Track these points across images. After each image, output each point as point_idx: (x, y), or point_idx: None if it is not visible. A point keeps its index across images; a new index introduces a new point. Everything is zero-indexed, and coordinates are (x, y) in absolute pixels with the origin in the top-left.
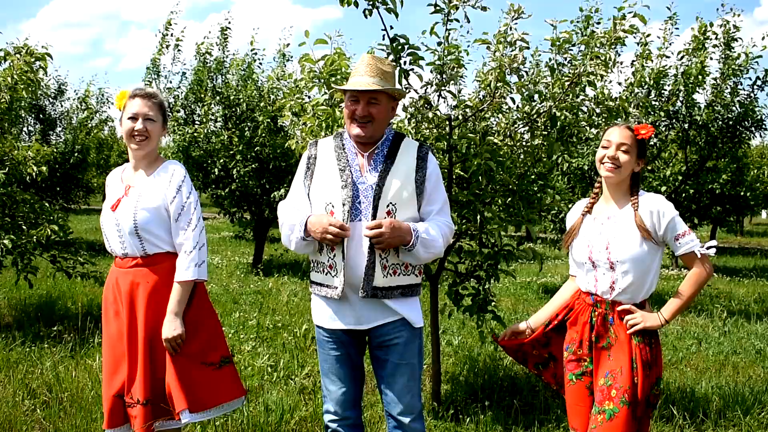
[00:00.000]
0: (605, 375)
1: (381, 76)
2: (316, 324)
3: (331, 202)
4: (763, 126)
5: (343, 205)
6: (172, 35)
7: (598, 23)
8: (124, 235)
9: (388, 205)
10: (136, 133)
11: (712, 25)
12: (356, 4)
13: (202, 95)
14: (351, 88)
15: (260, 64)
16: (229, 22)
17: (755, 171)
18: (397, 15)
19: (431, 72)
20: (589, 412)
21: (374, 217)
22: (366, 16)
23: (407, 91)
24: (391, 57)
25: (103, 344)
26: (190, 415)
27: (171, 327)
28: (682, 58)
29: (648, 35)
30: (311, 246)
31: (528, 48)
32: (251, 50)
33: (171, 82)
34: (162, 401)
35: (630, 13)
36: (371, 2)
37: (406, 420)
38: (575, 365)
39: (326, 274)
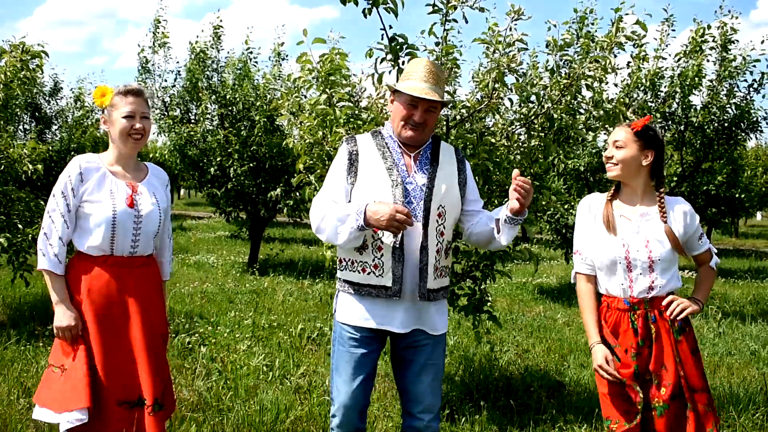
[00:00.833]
0: (651, 373)
1: (440, 85)
2: (342, 322)
3: (381, 201)
4: (759, 128)
5: (396, 204)
6: (163, 34)
7: (593, 24)
8: (143, 234)
9: (438, 207)
10: (134, 132)
11: (709, 27)
12: (356, 3)
13: (199, 94)
14: (417, 95)
15: (256, 63)
16: (221, 20)
17: (750, 172)
18: (396, 14)
19: None
20: (629, 402)
21: (426, 219)
22: (365, 16)
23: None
24: (390, 56)
25: (85, 349)
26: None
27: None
28: (679, 60)
29: (644, 36)
30: (360, 239)
31: (527, 49)
32: (247, 49)
33: (166, 81)
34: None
35: (627, 14)
36: (371, 1)
37: (426, 418)
38: (624, 373)
39: (369, 274)
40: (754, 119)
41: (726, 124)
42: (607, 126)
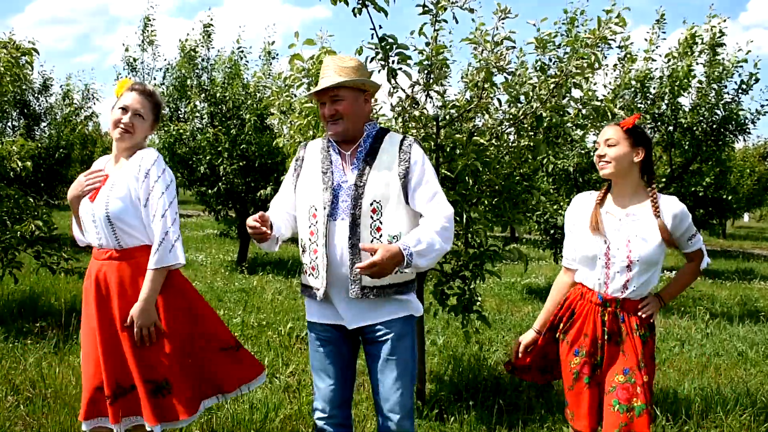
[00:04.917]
0: (624, 372)
1: (340, 73)
2: (308, 320)
3: (314, 204)
4: (747, 130)
5: (324, 208)
6: (151, 33)
7: (583, 25)
8: (99, 225)
9: (372, 203)
10: (122, 125)
11: (693, 30)
12: (346, 3)
13: (189, 92)
14: (311, 92)
15: (247, 63)
16: (211, 19)
17: (737, 173)
18: (386, 14)
19: (418, 72)
20: (596, 412)
21: (356, 216)
22: (355, 15)
23: (380, 85)
24: (380, 56)
25: (81, 336)
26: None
27: (144, 314)
28: (669, 60)
29: (628, 39)
30: (272, 244)
31: (515, 48)
32: (237, 48)
33: (155, 79)
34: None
35: (615, 15)
36: (361, 1)
37: (394, 417)
38: (588, 368)
39: (309, 276)
40: (742, 121)
41: (714, 126)
42: (595, 124)
